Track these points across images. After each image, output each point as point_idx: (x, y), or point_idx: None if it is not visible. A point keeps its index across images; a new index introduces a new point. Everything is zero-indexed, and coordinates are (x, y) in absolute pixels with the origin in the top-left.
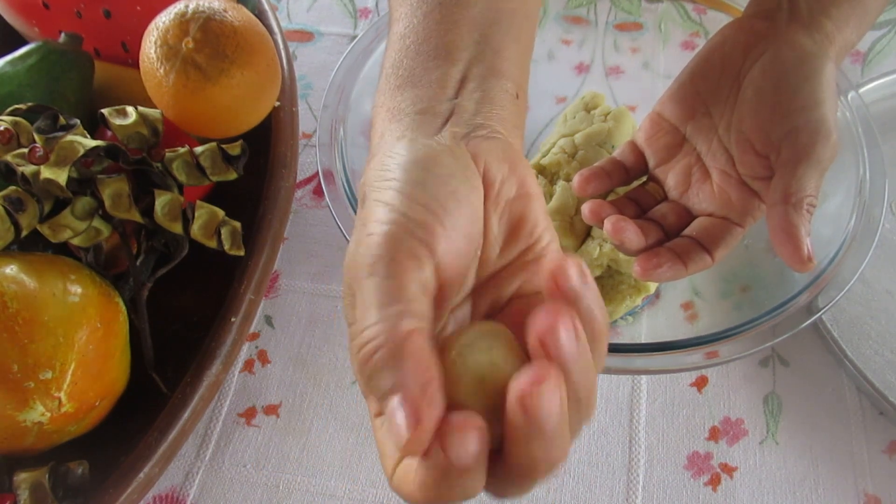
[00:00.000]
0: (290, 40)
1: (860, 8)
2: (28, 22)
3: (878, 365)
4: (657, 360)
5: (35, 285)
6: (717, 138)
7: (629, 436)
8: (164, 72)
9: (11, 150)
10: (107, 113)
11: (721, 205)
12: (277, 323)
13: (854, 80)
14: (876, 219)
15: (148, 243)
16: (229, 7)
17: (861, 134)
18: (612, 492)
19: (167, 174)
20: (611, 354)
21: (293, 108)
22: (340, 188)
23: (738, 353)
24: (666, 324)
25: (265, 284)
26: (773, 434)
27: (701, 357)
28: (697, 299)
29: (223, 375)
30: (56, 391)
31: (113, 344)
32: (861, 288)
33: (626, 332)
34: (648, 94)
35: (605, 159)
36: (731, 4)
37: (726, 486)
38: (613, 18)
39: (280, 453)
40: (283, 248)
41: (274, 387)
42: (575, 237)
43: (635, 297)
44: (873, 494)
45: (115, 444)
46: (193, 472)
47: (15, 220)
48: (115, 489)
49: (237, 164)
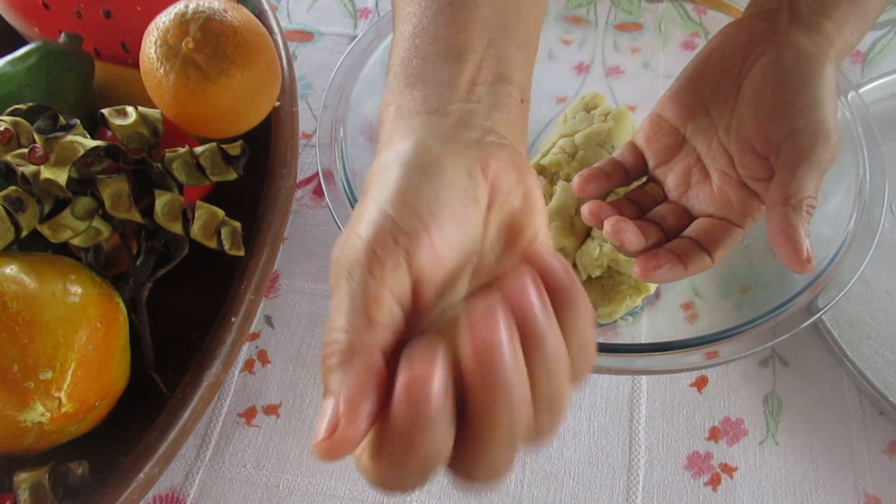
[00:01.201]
0: (290, 40)
1: (860, 9)
2: (28, 22)
3: (878, 365)
4: (657, 361)
5: (35, 285)
6: (716, 139)
7: (629, 436)
8: (164, 72)
9: (11, 150)
10: (107, 113)
11: (721, 206)
12: (277, 323)
13: (854, 80)
14: (876, 219)
15: (148, 243)
16: (229, 7)
17: (861, 134)
18: (612, 492)
19: (167, 174)
20: (611, 354)
21: (293, 108)
22: (340, 188)
23: (738, 353)
24: (666, 324)
25: (265, 284)
26: (773, 434)
27: (701, 357)
28: (697, 299)
29: (223, 375)
30: (56, 391)
31: (113, 344)
32: (861, 288)
33: (626, 332)
34: (648, 94)
35: (605, 160)
36: (731, 4)
37: (726, 486)
38: (613, 18)
39: (280, 453)
40: (283, 248)
41: (274, 387)
42: (575, 237)
43: (635, 298)
44: (873, 494)
45: (115, 444)
46: (193, 472)
47: (15, 220)
48: (115, 489)
49: (237, 164)
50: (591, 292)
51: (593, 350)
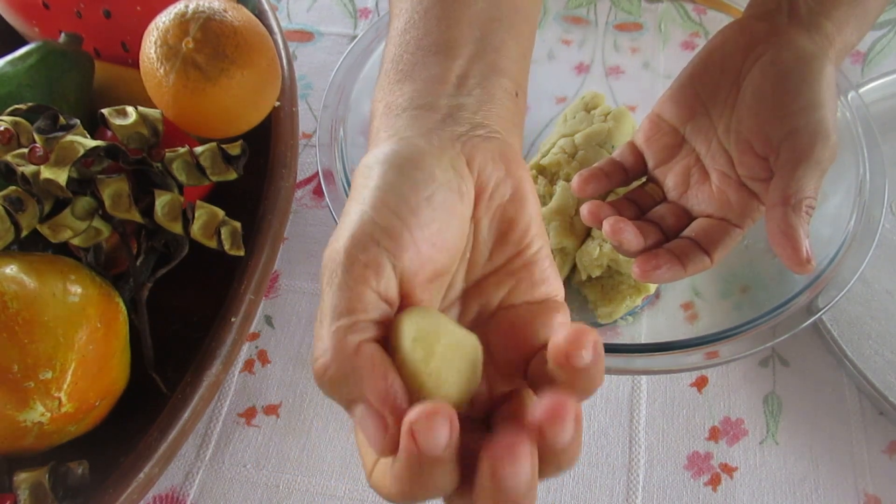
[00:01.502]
0: (290, 40)
1: (860, 9)
2: (28, 22)
3: (878, 365)
4: (657, 361)
5: (35, 285)
6: (716, 139)
7: (629, 436)
8: (164, 72)
9: (11, 150)
10: (107, 113)
11: (720, 206)
12: (277, 323)
13: (854, 80)
14: (876, 219)
15: (148, 243)
16: (229, 7)
17: (861, 134)
18: (612, 492)
19: (167, 174)
20: (611, 354)
21: (293, 108)
22: (340, 188)
23: (738, 353)
24: (666, 324)
25: (265, 284)
26: (773, 434)
27: (701, 357)
28: (697, 299)
29: (223, 375)
30: (56, 391)
31: (113, 344)
32: (861, 288)
33: (626, 332)
34: (648, 94)
35: (604, 160)
36: (730, 4)
37: (726, 486)
38: (613, 18)
39: (280, 453)
40: (283, 248)
41: (274, 387)
42: (575, 237)
43: (635, 298)
44: (873, 494)
45: (115, 444)
46: (193, 472)
47: (15, 220)
48: (115, 489)
49: (237, 164)
50: (591, 292)
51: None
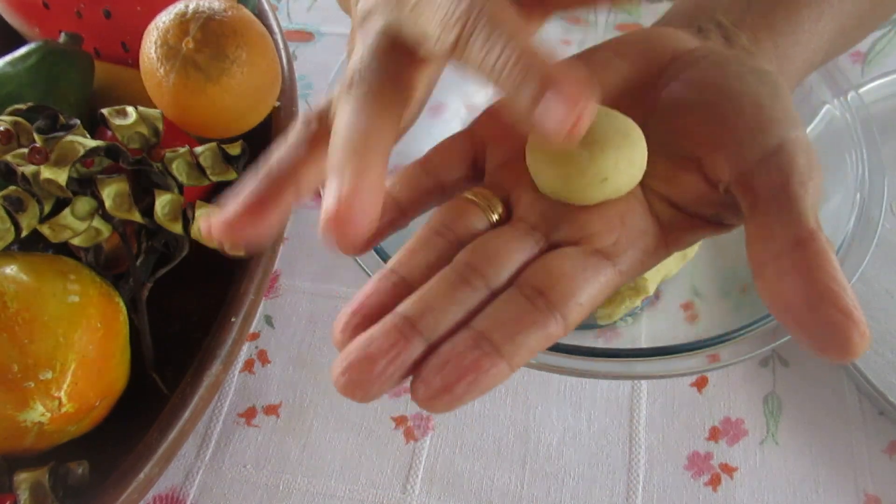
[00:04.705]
0: (290, 40)
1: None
2: (28, 22)
3: (878, 365)
4: (658, 366)
5: (35, 285)
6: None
7: (629, 436)
8: (164, 72)
9: (11, 150)
10: (107, 113)
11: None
12: (277, 323)
13: (854, 80)
14: (875, 219)
15: (148, 243)
16: (229, 7)
17: (861, 134)
18: (612, 492)
19: (167, 174)
20: (611, 360)
21: (293, 108)
22: None
23: (739, 355)
24: (666, 325)
25: (265, 284)
26: (774, 434)
27: (702, 360)
28: (697, 300)
29: (223, 375)
30: (56, 391)
31: (113, 344)
32: (861, 288)
33: (626, 334)
34: None
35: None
36: None
37: (726, 486)
38: (613, 19)
39: (280, 453)
40: (283, 248)
41: (274, 387)
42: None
43: (634, 299)
44: (873, 494)
45: (115, 444)
46: (193, 472)
47: (15, 220)
48: (115, 489)
49: (237, 164)
50: None
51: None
